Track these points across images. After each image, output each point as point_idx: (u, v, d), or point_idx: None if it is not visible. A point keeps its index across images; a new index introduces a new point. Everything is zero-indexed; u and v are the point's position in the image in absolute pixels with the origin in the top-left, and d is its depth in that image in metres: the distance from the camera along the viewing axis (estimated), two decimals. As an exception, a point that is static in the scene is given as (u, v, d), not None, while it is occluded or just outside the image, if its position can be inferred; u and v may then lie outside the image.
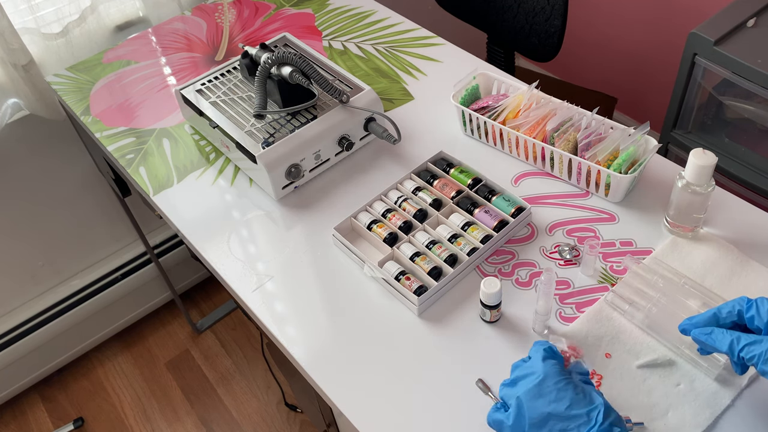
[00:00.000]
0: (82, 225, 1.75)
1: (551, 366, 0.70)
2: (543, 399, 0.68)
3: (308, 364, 0.88)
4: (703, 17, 1.48)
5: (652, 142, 0.99)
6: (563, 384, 0.68)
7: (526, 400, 0.68)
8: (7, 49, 1.36)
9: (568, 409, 0.67)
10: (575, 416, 0.67)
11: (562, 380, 0.68)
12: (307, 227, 1.05)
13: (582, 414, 0.66)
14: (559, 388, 0.68)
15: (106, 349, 1.96)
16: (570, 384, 0.68)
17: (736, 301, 0.73)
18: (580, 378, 0.72)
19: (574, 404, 0.67)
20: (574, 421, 0.66)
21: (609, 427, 0.66)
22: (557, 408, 0.67)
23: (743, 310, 0.72)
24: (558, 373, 0.69)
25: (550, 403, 0.67)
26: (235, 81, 1.19)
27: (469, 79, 1.14)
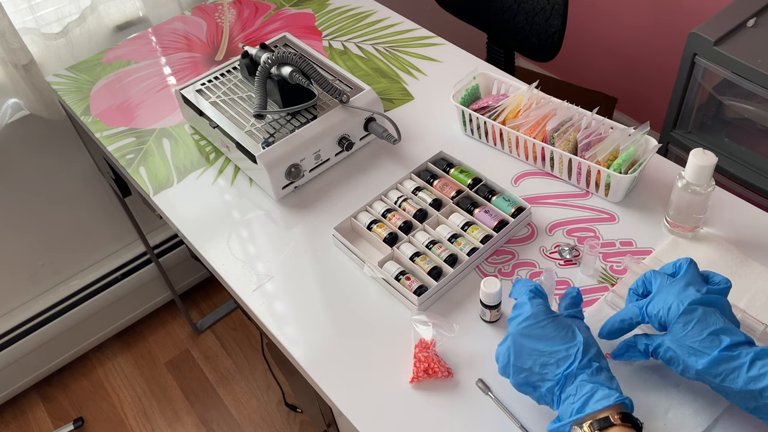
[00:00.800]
0: (82, 225, 1.75)
1: (537, 305, 0.74)
2: (528, 335, 0.72)
3: (308, 364, 0.88)
4: (703, 17, 1.48)
5: (652, 142, 0.99)
6: (547, 322, 0.73)
7: (516, 335, 0.73)
8: (7, 49, 1.36)
9: (549, 345, 0.71)
10: (555, 352, 0.71)
11: (546, 318, 0.73)
12: (307, 227, 1.05)
13: (561, 350, 0.71)
14: (542, 325, 0.72)
15: (106, 349, 1.96)
16: (553, 322, 0.73)
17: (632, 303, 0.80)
18: (568, 313, 0.76)
19: (555, 341, 0.72)
20: (554, 356, 0.71)
21: (588, 362, 0.70)
22: (538, 345, 0.72)
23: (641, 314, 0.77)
24: (544, 311, 0.74)
25: (533, 340, 0.72)
26: (235, 81, 1.19)
27: (469, 79, 1.14)
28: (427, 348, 0.84)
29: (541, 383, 0.72)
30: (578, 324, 0.74)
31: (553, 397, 0.71)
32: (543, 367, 0.71)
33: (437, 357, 0.84)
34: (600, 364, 0.70)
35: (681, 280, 0.75)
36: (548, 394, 0.72)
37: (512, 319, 0.76)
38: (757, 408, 0.70)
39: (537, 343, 0.72)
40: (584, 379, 0.69)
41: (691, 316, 0.71)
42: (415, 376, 0.83)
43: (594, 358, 0.70)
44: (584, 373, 0.69)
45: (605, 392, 0.68)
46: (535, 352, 0.72)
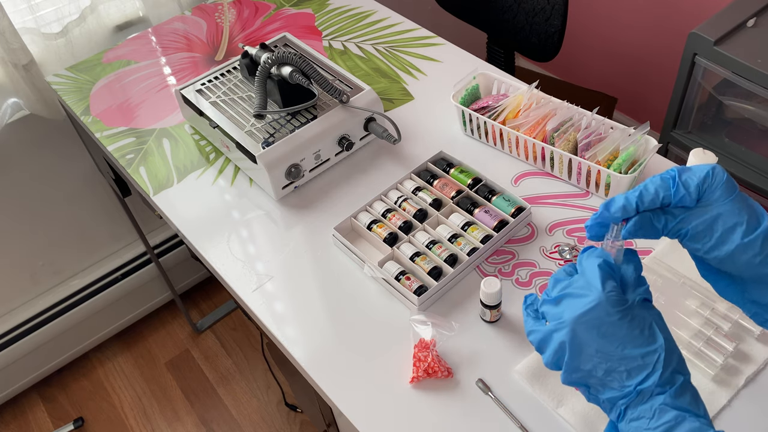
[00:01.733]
0: (82, 225, 1.75)
1: (609, 291, 0.55)
2: (591, 330, 0.55)
3: (308, 364, 0.88)
4: (703, 17, 1.48)
5: (652, 142, 0.99)
6: (619, 316, 0.55)
7: (575, 326, 0.55)
8: (7, 49, 1.36)
9: (620, 347, 0.55)
10: (627, 357, 0.55)
11: (619, 311, 0.55)
12: (307, 227, 1.05)
13: (636, 356, 0.54)
14: (612, 321, 0.55)
15: (106, 349, 1.96)
16: (627, 316, 0.55)
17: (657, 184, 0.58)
18: (639, 297, 0.57)
19: (628, 342, 0.55)
20: (625, 363, 0.55)
21: (670, 377, 0.54)
22: (606, 345, 0.55)
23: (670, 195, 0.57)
24: (616, 302, 0.55)
25: (599, 337, 0.55)
26: (235, 81, 1.19)
27: (469, 79, 1.14)
28: (426, 348, 0.85)
29: (600, 389, 0.57)
30: (655, 316, 0.57)
31: (613, 407, 0.56)
32: (608, 374, 0.55)
33: (437, 357, 0.84)
34: (685, 378, 0.55)
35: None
36: (608, 404, 0.56)
37: (569, 297, 0.57)
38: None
39: (604, 342, 0.55)
40: (666, 401, 0.53)
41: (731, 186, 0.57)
42: (415, 376, 0.83)
43: (677, 369, 0.55)
44: (665, 392, 0.54)
45: (694, 425, 0.52)
46: (599, 353, 0.55)
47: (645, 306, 0.57)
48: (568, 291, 0.57)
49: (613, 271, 0.57)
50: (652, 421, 0.53)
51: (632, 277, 0.58)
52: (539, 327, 0.59)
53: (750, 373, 0.80)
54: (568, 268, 0.61)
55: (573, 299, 0.56)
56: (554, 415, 0.80)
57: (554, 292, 0.58)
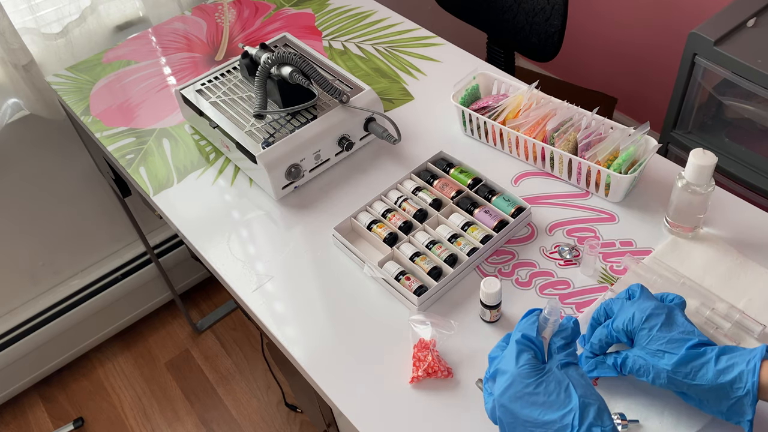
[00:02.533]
0: (82, 225, 1.75)
1: (523, 363, 0.65)
2: (515, 403, 0.64)
3: (308, 364, 0.88)
4: (703, 17, 1.48)
5: (652, 142, 0.99)
6: (535, 386, 0.64)
7: (500, 402, 0.65)
8: (7, 49, 1.36)
9: (541, 414, 0.63)
10: (549, 422, 0.62)
11: (534, 382, 0.64)
12: (307, 227, 1.05)
13: (555, 419, 0.62)
14: (529, 392, 0.63)
15: (106, 349, 1.96)
16: (542, 384, 0.64)
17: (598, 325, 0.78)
18: (561, 362, 0.66)
19: (547, 408, 0.63)
20: (549, 427, 0.62)
21: (587, 430, 0.61)
22: (530, 413, 0.63)
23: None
24: (529, 374, 0.64)
25: (522, 408, 0.63)
26: (235, 81, 1.19)
27: (469, 79, 1.14)
28: (426, 348, 0.84)
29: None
30: (573, 377, 0.65)
31: None
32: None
33: (437, 357, 0.84)
34: (602, 429, 0.62)
35: (639, 299, 0.76)
36: None
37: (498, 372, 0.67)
38: (732, 409, 0.69)
39: (528, 411, 0.63)
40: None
41: (654, 322, 0.72)
42: (415, 376, 0.83)
43: (594, 422, 0.62)
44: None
45: None
46: (527, 423, 0.63)
47: (565, 368, 0.66)
48: (498, 367, 0.67)
49: (531, 343, 0.66)
50: None
51: (557, 346, 0.67)
52: (488, 403, 0.68)
53: (750, 373, 0.80)
54: (501, 343, 0.71)
55: (500, 376, 0.66)
56: None
57: (491, 370, 0.68)
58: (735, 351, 0.69)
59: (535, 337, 0.67)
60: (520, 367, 0.64)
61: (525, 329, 0.68)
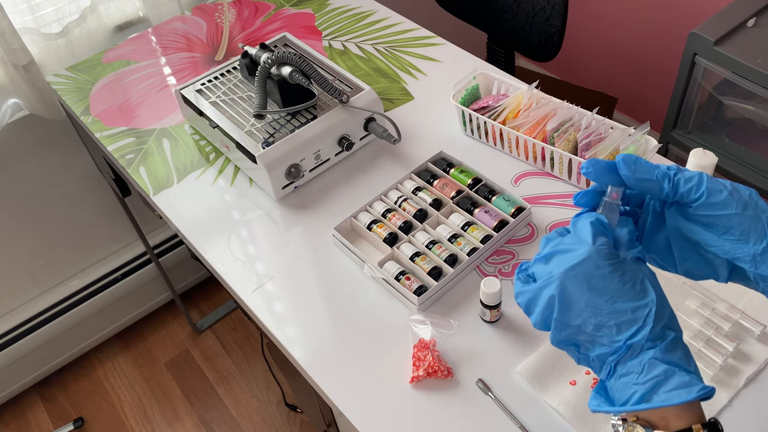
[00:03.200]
0: (82, 225, 1.75)
1: (600, 245, 0.54)
2: (581, 283, 0.54)
3: (308, 364, 0.88)
4: (703, 17, 1.48)
5: (652, 142, 0.99)
6: (610, 270, 0.53)
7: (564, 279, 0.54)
8: (7, 49, 1.36)
9: (610, 301, 0.53)
10: (617, 311, 0.53)
11: (610, 264, 0.54)
12: (307, 227, 1.05)
13: (626, 310, 0.53)
14: (602, 274, 0.53)
15: (106, 349, 1.96)
16: (618, 270, 0.54)
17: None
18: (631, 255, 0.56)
19: (619, 296, 0.53)
20: (615, 318, 0.53)
21: (661, 331, 0.53)
22: (595, 298, 0.54)
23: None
24: (607, 255, 0.54)
25: (589, 291, 0.54)
26: (235, 81, 1.19)
27: (469, 79, 1.14)
28: (426, 347, 0.84)
29: (590, 345, 0.55)
30: (647, 273, 0.56)
31: (602, 365, 0.55)
32: (598, 329, 0.54)
33: (437, 357, 0.84)
34: (676, 334, 0.54)
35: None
36: (597, 361, 0.55)
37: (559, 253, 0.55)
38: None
39: (594, 296, 0.53)
40: (656, 356, 0.52)
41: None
42: (415, 376, 0.83)
43: (668, 325, 0.54)
44: (656, 347, 0.52)
45: (684, 379, 0.52)
46: (589, 307, 0.54)
47: (637, 263, 0.56)
48: (559, 248, 0.56)
49: (605, 228, 0.56)
50: (641, 376, 0.52)
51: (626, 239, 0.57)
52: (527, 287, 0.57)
53: (750, 373, 0.80)
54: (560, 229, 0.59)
55: (563, 254, 0.55)
56: (554, 415, 0.80)
57: (545, 251, 0.57)
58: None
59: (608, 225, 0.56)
60: (598, 246, 0.54)
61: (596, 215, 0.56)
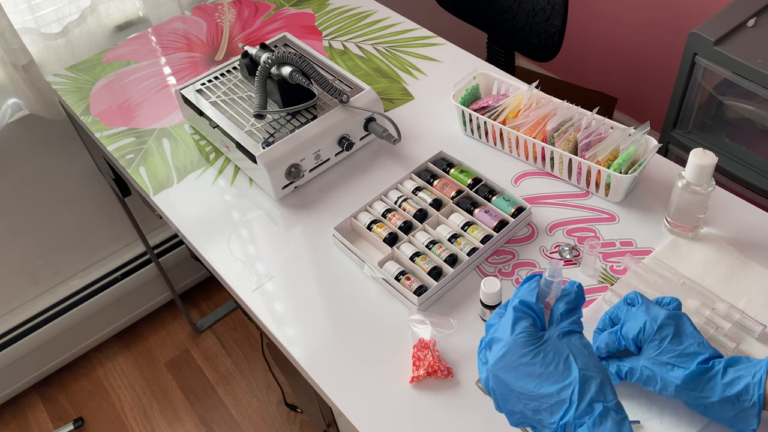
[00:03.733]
0: (82, 225, 1.75)
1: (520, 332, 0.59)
2: (510, 373, 0.59)
3: (308, 364, 0.88)
4: (703, 17, 1.48)
5: (652, 142, 0.99)
6: (531, 356, 0.58)
7: (493, 372, 0.60)
8: (7, 49, 1.36)
9: (537, 387, 0.58)
10: (545, 396, 0.58)
11: (530, 351, 0.59)
12: (307, 227, 1.05)
13: (552, 393, 0.57)
14: (525, 362, 0.58)
15: (106, 349, 1.96)
16: (539, 354, 0.59)
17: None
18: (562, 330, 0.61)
19: (544, 380, 0.58)
20: (545, 401, 0.58)
21: (588, 406, 0.57)
22: (525, 385, 0.58)
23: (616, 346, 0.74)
24: (526, 343, 0.59)
25: (517, 379, 0.59)
26: (235, 81, 1.19)
27: (469, 79, 1.14)
28: (426, 347, 0.84)
29: (538, 426, 0.60)
30: (574, 347, 0.61)
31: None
32: (536, 413, 0.59)
33: (437, 356, 0.84)
34: (605, 405, 0.58)
35: (642, 305, 0.75)
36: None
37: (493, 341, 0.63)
38: (737, 418, 0.69)
39: (522, 383, 0.59)
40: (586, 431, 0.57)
41: (665, 333, 0.71)
42: (414, 375, 0.83)
43: (596, 397, 0.58)
44: (584, 424, 0.57)
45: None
46: (522, 395, 0.59)
47: (567, 338, 0.61)
48: (494, 336, 0.62)
49: (529, 309, 0.61)
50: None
51: (560, 311, 0.62)
52: (482, 372, 0.63)
53: (750, 373, 0.80)
54: (500, 310, 0.66)
55: (495, 344, 0.61)
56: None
57: (486, 338, 0.64)
58: (741, 363, 0.69)
59: (535, 303, 0.62)
60: (516, 335, 0.59)
61: (524, 295, 0.63)
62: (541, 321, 0.63)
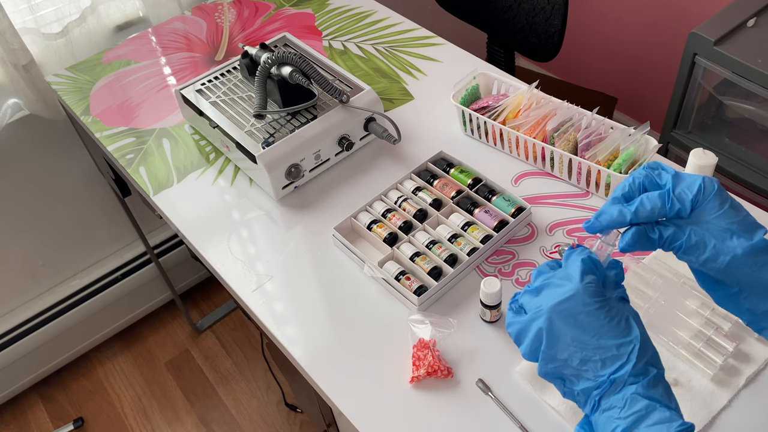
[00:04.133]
0: (82, 225, 1.75)
1: (588, 283, 0.57)
2: (568, 319, 0.56)
3: (308, 364, 0.88)
4: (703, 17, 1.48)
5: (652, 142, 0.99)
6: (597, 306, 0.56)
7: (552, 313, 0.57)
8: (7, 49, 1.36)
9: (596, 337, 0.56)
10: (602, 347, 0.55)
11: (597, 302, 0.56)
12: (307, 227, 1.05)
13: (611, 346, 0.55)
14: (589, 311, 0.56)
15: (106, 349, 1.96)
16: (604, 308, 0.56)
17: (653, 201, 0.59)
18: (616, 295, 0.59)
19: (604, 333, 0.56)
20: (600, 353, 0.55)
21: (644, 368, 0.55)
22: (581, 334, 0.56)
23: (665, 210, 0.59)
24: (594, 293, 0.57)
25: (575, 326, 0.56)
26: (235, 81, 1.19)
27: (469, 79, 1.14)
28: (426, 347, 0.84)
29: (575, 379, 0.57)
30: (633, 314, 0.59)
31: (587, 400, 0.57)
32: (583, 363, 0.56)
33: (437, 356, 0.84)
34: (658, 371, 0.56)
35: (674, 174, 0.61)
36: (582, 395, 0.57)
37: (548, 287, 0.58)
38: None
39: (581, 331, 0.56)
40: (638, 391, 0.54)
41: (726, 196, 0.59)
42: (414, 375, 0.83)
43: (651, 362, 0.56)
44: (638, 382, 0.55)
45: (664, 414, 0.53)
46: (575, 342, 0.56)
47: (622, 302, 0.59)
48: (548, 282, 0.59)
49: (595, 266, 0.58)
50: (623, 411, 0.54)
51: (613, 279, 0.60)
52: (518, 318, 0.59)
53: (750, 373, 0.80)
54: (552, 262, 0.62)
55: (552, 289, 0.58)
56: (554, 415, 0.80)
57: (535, 283, 0.60)
58: None
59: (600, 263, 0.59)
60: (585, 283, 0.57)
61: (589, 253, 0.59)
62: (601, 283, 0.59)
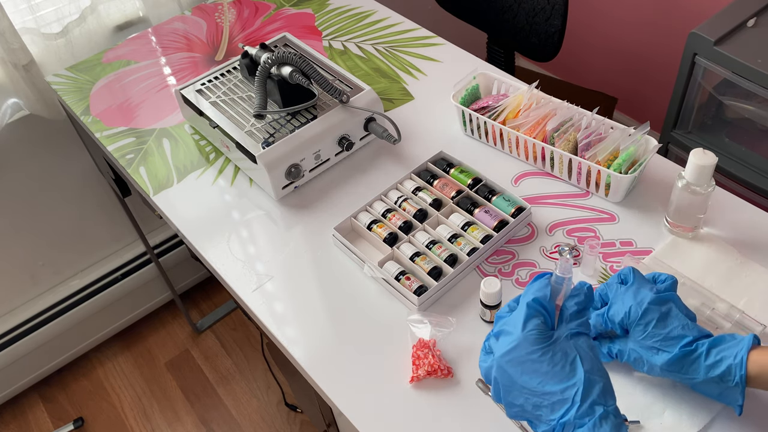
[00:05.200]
0: (82, 225, 1.75)
1: (532, 329, 0.61)
2: (516, 367, 0.61)
3: (308, 364, 0.88)
4: (703, 17, 1.48)
5: (652, 142, 0.99)
6: (540, 354, 0.60)
7: (500, 363, 0.62)
8: (7, 49, 1.36)
9: (541, 384, 0.60)
10: (548, 393, 0.59)
11: (539, 349, 0.60)
12: (307, 227, 1.05)
13: (555, 392, 0.59)
14: (533, 359, 0.60)
15: (106, 349, 1.96)
16: (548, 353, 0.60)
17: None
18: (570, 331, 0.63)
19: (549, 379, 0.59)
20: (547, 399, 0.59)
21: (589, 408, 0.58)
22: (529, 381, 0.60)
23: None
24: (536, 340, 0.61)
25: (522, 374, 0.60)
26: (235, 81, 1.19)
27: (469, 79, 1.14)
28: (426, 347, 0.84)
29: (536, 422, 0.62)
30: (582, 349, 0.62)
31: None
32: (536, 409, 0.61)
33: (438, 356, 0.84)
34: (605, 408, 0.59)
35: (633, 285, 0.75)
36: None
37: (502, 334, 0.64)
38: (723, 394, 0.72)
39: (527, 378, 0.60)
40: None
41: (650, 317, 0.72)
42: (414, 375, 0.83)
43: (598, 400, 0.59)
44: (584, 425, 0.58)
45: None
46: (525, 390, 0.61)
47: (575, 339, 0.63)
48: (503, 328, 0.64)
49: (542, 308, 0.63)
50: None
51: (570, 311, 0.64)
52: (485, 360, 0.65)
53: (750, 373, 0.80)
54: (512, 303, 0.67)
55: (503, 337, 0.63)
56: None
57: (495, 329, 0.65)
58: (725, 342, 0.71)
59: (548, 301, 0.63)
60: (527, 332, 0.61)
61: (537, 292, 0.64)
62: (552, 319, 0.64)
